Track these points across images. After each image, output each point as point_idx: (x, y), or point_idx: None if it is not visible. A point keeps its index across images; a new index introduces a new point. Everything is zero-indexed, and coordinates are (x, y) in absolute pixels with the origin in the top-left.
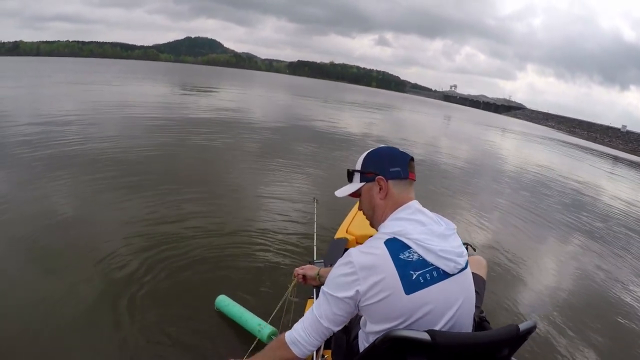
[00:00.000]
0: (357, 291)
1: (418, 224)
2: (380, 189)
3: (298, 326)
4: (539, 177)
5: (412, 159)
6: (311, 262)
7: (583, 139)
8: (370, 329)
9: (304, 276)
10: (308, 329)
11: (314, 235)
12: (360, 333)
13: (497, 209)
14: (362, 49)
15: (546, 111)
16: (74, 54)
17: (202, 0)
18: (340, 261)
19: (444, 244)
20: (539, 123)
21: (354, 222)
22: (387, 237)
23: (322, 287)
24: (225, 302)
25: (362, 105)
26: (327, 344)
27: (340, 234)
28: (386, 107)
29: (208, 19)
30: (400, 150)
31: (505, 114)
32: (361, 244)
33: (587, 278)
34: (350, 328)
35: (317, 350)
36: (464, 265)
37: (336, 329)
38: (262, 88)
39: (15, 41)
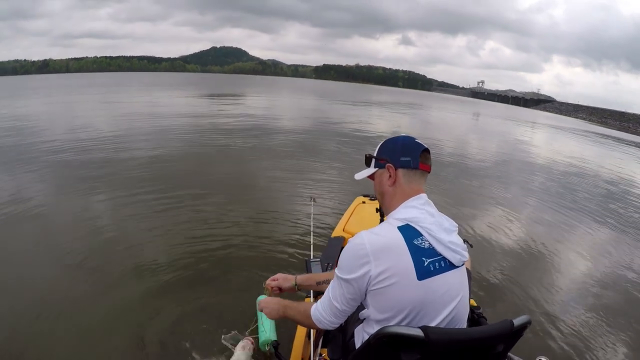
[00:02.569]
0: (368, 273)
1: (428, 215)
2: (389, 176)
3: (319, 305)
4: (564, 168)
5: (426, 150)
6: (308, 261)
7: (615, 129)
8: (376, 316)
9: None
10: (326, 309)
11: (310, 233)
12: (357, 331)
13: (509, 201)
14: (386, 50)
15: (576, 103)
16: (102, 69)
17: (227, 10)
18: (351, 241)
19: (449, 237)
20: (569, 115)
21: (351, 220)
22: (400, 223)
23: (335, 269)
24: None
25: (389, 106)
26: (325, 342)
27: (337, 232)
28: (413, 106)
29: (233, 28)
30: (416, 140)
31: (534, 108)
32: None
33: (596, 274)
34: (347, 327)
35: (315, 349)
36: (466, 259)
37: (352, 309)
38: (288, 94)
39: (45, 59)
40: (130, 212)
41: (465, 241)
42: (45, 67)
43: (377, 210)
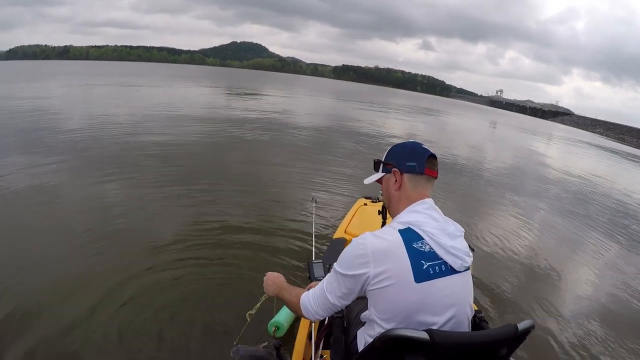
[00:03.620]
0: (367, 273)
1: (431, 219)
2: (395, 181)
3: (310, 294)
4: (578, 181)
5: (432, 156)
6: (310, 262)
7: (632, 146)
8: (376, 318)
9: None
10: (317, 301)
11: (312, 235)
12: (359, 334)
13: (521, 209)
14: (406, 54)
15: (594, 117)
16: (122, 58)
17: (248, 6)
18: (354, 240)
19: (452, 242)
20: (586, 129)
21: (353, 222)
22: (402, 226)
23: (334, 263)
24: None
25: (407, 110)
26: (326, 344)
27: (339, 234)
28: (431, 111)
29: (253, 24)
30: (423, 146)
31: (552, 120)
32: None
33: (603, 285)
34: (349, 329)
35: (316, 351)
36: (469, 264)
37: (341, 305)
38: (308, 92)
39: (65, 46)
40: (134, 202)
41: (468, 246)
42: (66, 53)
43: (379, 212)
